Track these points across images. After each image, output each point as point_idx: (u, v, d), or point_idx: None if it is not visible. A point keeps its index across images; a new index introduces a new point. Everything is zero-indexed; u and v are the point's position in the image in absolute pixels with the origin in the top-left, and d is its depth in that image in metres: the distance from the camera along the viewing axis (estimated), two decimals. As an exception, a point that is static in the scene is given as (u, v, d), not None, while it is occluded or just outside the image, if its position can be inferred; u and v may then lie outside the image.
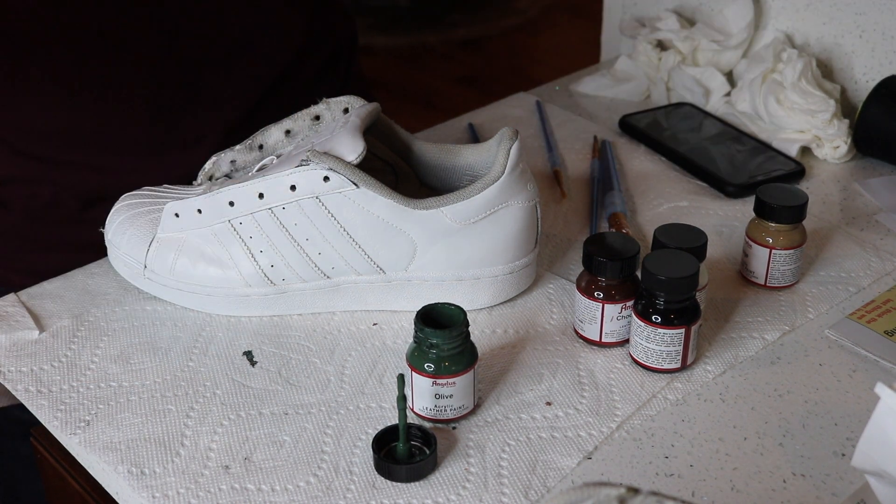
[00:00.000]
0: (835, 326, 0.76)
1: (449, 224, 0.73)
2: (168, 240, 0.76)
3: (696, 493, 0.62)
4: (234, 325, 0.76)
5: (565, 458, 0.65)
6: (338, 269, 0.75)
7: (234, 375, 0.72)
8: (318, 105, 0.79)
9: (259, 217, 0.74)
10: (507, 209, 0.74)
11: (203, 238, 0.75)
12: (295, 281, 0.75)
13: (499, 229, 0.74)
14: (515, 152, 0.72)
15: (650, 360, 0.71)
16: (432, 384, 0.66)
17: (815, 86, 0.98)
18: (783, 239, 0.78)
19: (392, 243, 0.74)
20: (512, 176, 0.72)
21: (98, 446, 0.66)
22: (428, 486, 0.63)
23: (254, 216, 0.74)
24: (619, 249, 0.71)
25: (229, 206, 0.74)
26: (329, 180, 0.72)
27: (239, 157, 0.80)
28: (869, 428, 0.53)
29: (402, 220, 0.73)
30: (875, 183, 0.94)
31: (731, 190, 0.92)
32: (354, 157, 0.72)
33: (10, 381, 0.72)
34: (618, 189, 0.91)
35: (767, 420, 0.68)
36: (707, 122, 1.02)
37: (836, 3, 1.01)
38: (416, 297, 0.76)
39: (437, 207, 0.72)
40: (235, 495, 0.62)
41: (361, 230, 0.73)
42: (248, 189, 0.73)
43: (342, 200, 0.72)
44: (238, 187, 0.74)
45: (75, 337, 0.75)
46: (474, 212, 0.73)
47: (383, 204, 0.72)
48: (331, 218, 0.73)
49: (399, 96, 2.29)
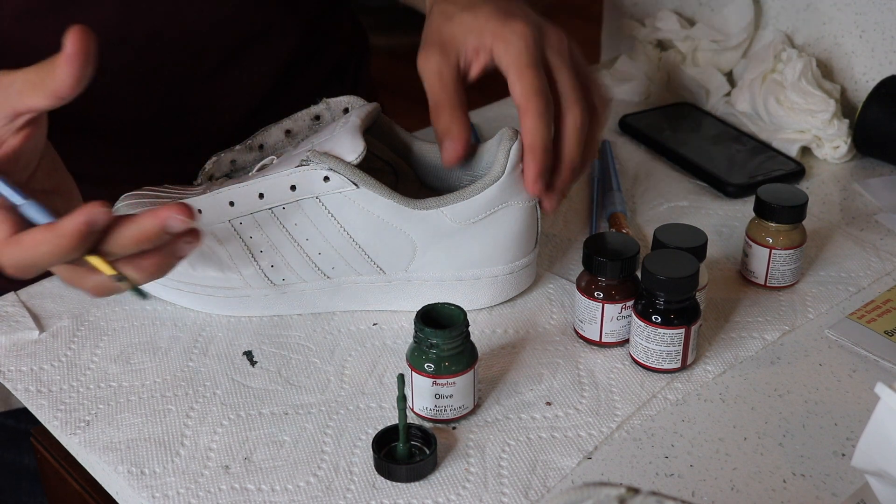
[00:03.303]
0: (835, 326, 0.76)
1: (449, 224, 0.73)
2: None
3: (696, 493, 0.62)
4: (234, 325, 0.76)
5: (565, 458, 0.65)
6: (338, 269, 0.75)
7: (234, 375, 0.72)
8: (318, 105, 0.79)
9: (259, 217, 0.74)
10: (508, 209, 0.74)
11: (203, 238, 0.75)
12: (295, 281, 0.75)
13: (499, 229, 0.74)
14: (515, 152, 0.72)
15: (650, 360, 0.71)
16: (432, 384, 0.66)
17: (815, 86, 0.98)
18: (783, 239, 0.78)
19: (392, 243, 0.74)
20: (512, 176, 0.72)
21: (98, 446, 0.66)
22: (428, 486, 0.63)
23: (254, 216, 0.74)
24: (619, 249, 0.71)
25: (229, 206, 0.74)
26: (329, 180, 0.72)
27: (239, 157, 0.80)
28: (869, 428, 0.53)
29: (402, 221, 0.73)
30: (875, 183, 0.94)
31: (731, 190, 0.92)
32: (354, 157, 0.72)
33: (10, 380, 0.72)
34: (618, 189, 0.91)
35: (767, 420, 0.68)
36: (707, 122, 1.02)
37: (836, 3, 1.01)
38: (416, 297, 0.76)
39: (437, 207, 0.72)
40: (235, 495, 0.62)
41: (361, 230, 0.73)
42: (248, 189, 0.73)
43: (342, 200, 0.72)
44: (238, 187, 0.74)
45: (75, 337, 0.75)
46: (474, 212, 0.73)
47: (383, 204, 0.72)
48: (331, 218, 0.73)
49: (399, 96, 2.29)
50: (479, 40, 0.73)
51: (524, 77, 0.71)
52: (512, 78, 0.72)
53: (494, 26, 0.73)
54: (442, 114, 0.73)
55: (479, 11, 0.74)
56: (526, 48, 0.72)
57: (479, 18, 0.73)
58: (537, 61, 0.72)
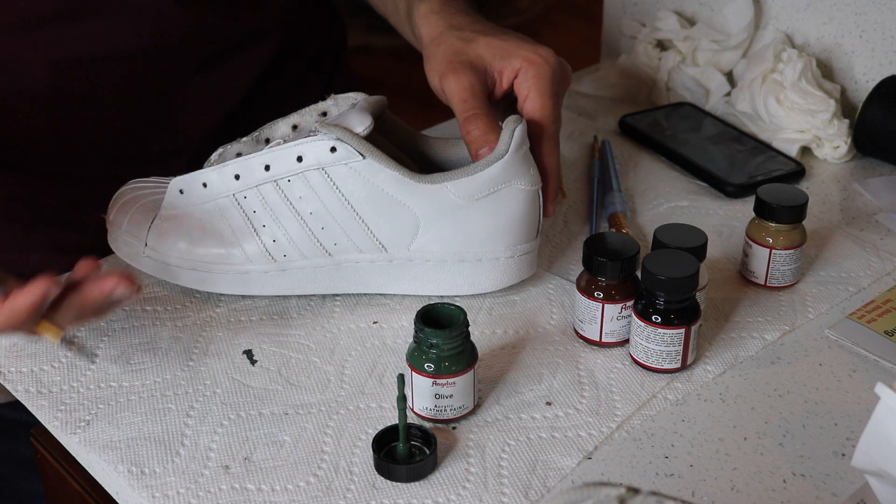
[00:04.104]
0: (835, 326, 0.76)
1: (453, 199, 0.73)
2: (171, 217, 0.76)
3: (696, 493, 0.62)
4: (234, 324, 0.76)
5: (565, 458, 0.65)
6: (340, 245, 0.75)
7: (234, 375, 0.72)
8: (325, 101, 0.79)
9: (264, 190, 0.74)
10: (511, 189, 0.74)
11: (206, 213, 0.75)
12: (296, 258, 0.75)
13: (502, 209, 0.74)
14: (520, 132, 0.73)
15: (650, 360, 0.71)
16: (432, 384, 0.66)
17: (815, 86, 0.98)
18: (783, 239, 0.78)
19: (396, 218, 0.74)
20: (516, 155, 0.73)
21: (98, 446, 0.66)
22: (428, 486, 0.63)
23: (259, 189, 0.74)
24: (619, 249, 0.71)
25: (235, 180, 0.74)
26: (336, 151, 0.72)
27: (245, 149, 0.80)
28: (869, 428, 0.53)
29: (407, 195, 0.73)
30: (875, 183, 0.94)
31: (731, 190, 0.92)
32: (362, 128, 0.73)
33: (11, 381, 0.72)
34: (618, 189, 0.91)
35: (767, 420, 0.68)
36: (707, 122, 1.02)
37: (836, 3, 1.01)
38: (418, 279, 0.76)
39: (441, 182, 0.73)
40: (235, 495, 0.62)
41: (366, 203, 0.73)
42: (254, 161, 0.74)
43: (348, 172, 0.73)
44: (244, 160, 0.74)
45: (75, 337, 0.75)
46: (478, 188, 0.73)
47: (388, 176, 0.72)
48: (336, 190, 0.73)
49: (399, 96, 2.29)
50: (507, 62, 0.78)
51: (548, 104, 0.77)
52: (535, 102, 0.77)
53: (524, 51, 0.77)
54: (477, 122, 0.75)
55: (505, 37, 0.79)
56: (552, 76, 0.77)
57: (507, 43, 0.78)
58: (556, 90, 0.78)
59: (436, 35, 0.81)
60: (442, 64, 0.78)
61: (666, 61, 1.09)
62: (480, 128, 0.74)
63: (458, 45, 0.79)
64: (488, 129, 0.74)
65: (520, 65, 0.77)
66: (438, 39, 0.80)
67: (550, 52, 0.78)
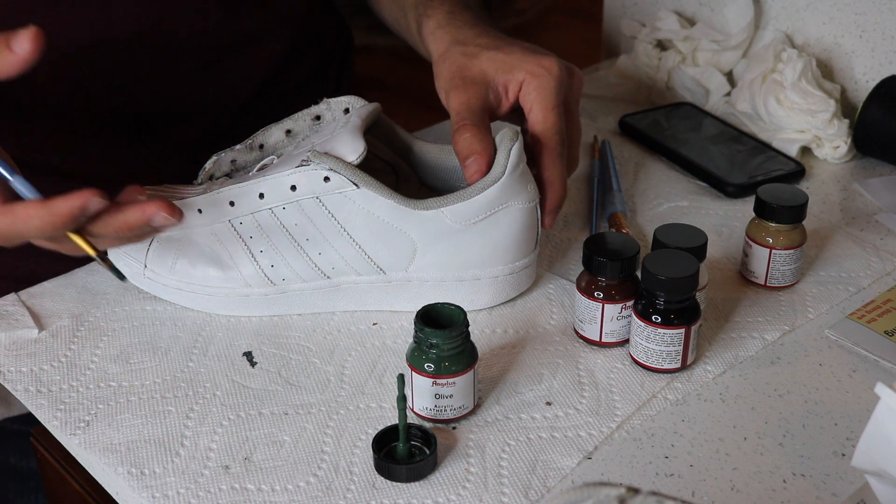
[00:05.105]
0: (835, 326, 0.76)
1: (449, 224, 0.73)
2: (168, 239, 0.76)
3: (696, 493, 0.62)
4: (234, 325, 0.76)
5: (565, 458, 0.65)
6: (338, 269, 0.75)
7: (234, 376, 0.72)
8: (318, 105, 0.79)
9: (259, 217, 0.74)
10: (508, 210, 0.74)
11: (203, 238, 0.75)
12: (295, 281, 0.75)
13: (499, 230, 0.74)
14: (516, 153, 0.72)
15: (650, 360, 0.71)
16: (432, 384, 0.66)
17: (815, 86, 0.98)
18: (783, 239, 0.78)
19: (392, 243, 0.74)
20: (512, 176, 0.72)
21: (98, 446, 0.66)
22: (428, 486, 0.63)
23: (254, 216, 0.74)
24: (619, 249, 0.71)
25: (230, 206, 0.74)
26: (329, 180, 0.72)
27: (239, 156, 0.80)
28: (869, 428, 0.53)
29: (403, 221, 0.73)
30: (875, 183, 0.94)
31: (731, 190, 0.92)
32: (355, 157, 0.72)
33: (10, 381, 0.72)
34: (618, 189, 0.91)
35: (767, 420, 0.68)
36: (707, 122, 1.02)
37: (836, 3, 1.01)
38: (416, 298, 0.76)
39: (437, 208, 0.72)
40: (235, 495, 0.62)
41: (362, 230, 0.73)
42: (248, 189, 0.74)
43: (342, 200, 0.72)
44: (238, 187, 0.74)
45: (75, 337, 0.75)
46: (475, 212, 0.73)
47: (383, 204, 0.72)
48: (331, 218, 0.73)
49: (399, 96, 2.29)
50: (511, 76, 0.78)
51: (550, 116, 0.76)
52: (537, 115, 0.76)
53: (527, 63, 0.77)
54: (464, 132, 0.75)
55: (509, 49, 0.78)
56: (557, 87, 0.77)
57: (510, 56, 0.78)
58: (561, 101, 0.77)
59: (442, 51, 0.81)
60: (447, 81, 0.79)
61: (666, 61, 1.09)
62: (467, 138, 0.74)
63: (462, 61, 0.79)
64: (475, 139, 0.74)
65: (523, 77, 0.77)
66: (444, 55, 0.80)
67: (554, 62, 0.78)
